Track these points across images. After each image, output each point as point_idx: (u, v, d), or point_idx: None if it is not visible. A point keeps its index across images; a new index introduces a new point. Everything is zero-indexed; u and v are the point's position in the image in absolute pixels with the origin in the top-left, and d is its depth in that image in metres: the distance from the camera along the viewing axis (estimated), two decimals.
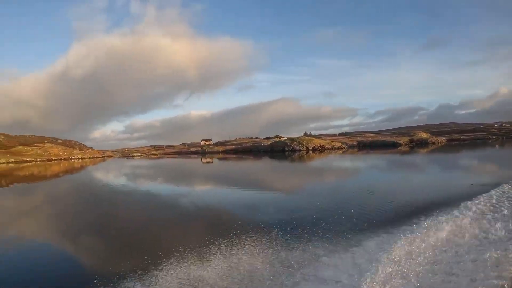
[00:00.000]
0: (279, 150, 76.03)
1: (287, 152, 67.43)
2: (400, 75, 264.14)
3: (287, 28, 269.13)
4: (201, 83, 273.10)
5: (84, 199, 15.68)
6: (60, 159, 79.64)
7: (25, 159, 73.35)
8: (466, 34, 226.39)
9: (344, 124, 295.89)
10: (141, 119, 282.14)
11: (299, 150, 70.58)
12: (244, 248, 5.56)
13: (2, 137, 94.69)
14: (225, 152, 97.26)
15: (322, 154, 53.81)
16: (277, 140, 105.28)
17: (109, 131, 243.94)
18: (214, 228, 7.49)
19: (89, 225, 9.19)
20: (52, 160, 77.63)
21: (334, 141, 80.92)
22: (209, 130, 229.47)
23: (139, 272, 4.79)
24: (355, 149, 65.84)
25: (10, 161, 67.98)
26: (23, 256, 6.43)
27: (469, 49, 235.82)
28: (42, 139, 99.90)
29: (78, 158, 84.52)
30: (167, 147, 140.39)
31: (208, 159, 54.40)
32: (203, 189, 17.63)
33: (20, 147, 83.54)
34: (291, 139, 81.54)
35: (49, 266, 5.73)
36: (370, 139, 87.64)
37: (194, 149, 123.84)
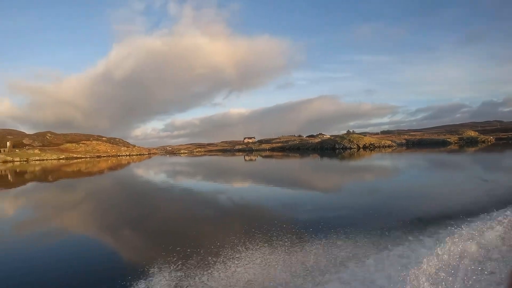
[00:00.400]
0: (329, 148, 74.61)
1: (337, 150, 65.75)
2: (441, 70, 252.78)
3: (325, 24, 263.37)
4: (240, 81, 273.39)
5: (130, 194, 15.21)
6: (109, 156, 78.95)
7: (75, 155, 70.88)
8: (508, 28, 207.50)
9: (384, 122, 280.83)
10: (181, 118, 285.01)
11: (350, 148, 69.19)
12: (280, 246, 5.26)
13: (49, 135, 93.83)
14: (272, 150, 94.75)
15: (372, 152, 52.04)
16: (324, 138, 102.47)
17: (149, 129, 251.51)
18: (250, 225, 6.77)
19: (129, 219, 8.99)
20: (101, 156, 76.23)
21: (383, 139, 78.83)
22: (247, 128, 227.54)
23: (174, 267, 4.63)
24: (403, 148, 64.16)
25: (61, 157, 66.27)
26: (63, 248, 6.42)
27: None
28: (87, 137, 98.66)
29: (126, 155, 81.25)
30: (209, 144, 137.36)
31: (251, 157, 53.22)
32: (243, 186, 16.49)
33: (68, 144, 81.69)
34: (341, 137, 79.47)
35: (87, 258, 5.65)
36: (417, 137, 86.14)
37: (239, 146, 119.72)
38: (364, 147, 68.58)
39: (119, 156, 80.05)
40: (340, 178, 18.68)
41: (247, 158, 50.73)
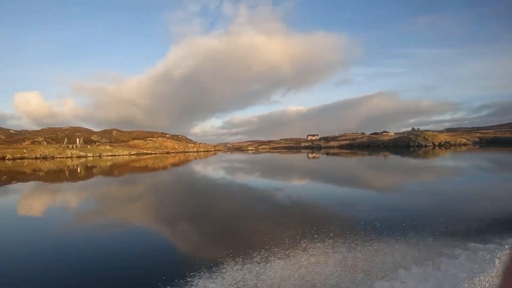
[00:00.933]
0: (403, 145, 72.12)
1: (412, 148, 63.84)
2: (506, 64, 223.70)
3: (381, 17, 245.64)
4: (297, 78, 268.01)
5: (202, 188, 14.63)
6: (177, 152, 75.90)
7: (145, 151, 68.41)
8: None
9: (445, 119, 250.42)
10: (239, 115, 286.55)
11: (425, 146, 67.39)
12: (334, 246, 4.95)
13: (115, 132, 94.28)
14: (340, 147, 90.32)
15: (448, 150, 49.88)
16: (390, 135, 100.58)
17: (208, 127, 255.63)
18: (305, 224, 6.58)
19: (187, 214, 8.88)
20: (170, 153, 75.26)
21: (458, 137, 76.57)
22: (305, 125, 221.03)
23: (228, 261, 4.51)
24: (476, 146, 60.88)
25: (132, 153, 65.04)
26: (121, 239, 6.40)
27: None
28: (152, 134, 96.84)
29: (194, 151, 75.94)
30: (269, 142, 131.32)
31: (314, 154, 51.39)
32: (301, 184, 15.40)
33: (136, 141, 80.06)
34: (415, 134, 77.04)
35: (145, 251, 5.53)
36: (490, 135, 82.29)
37: (305, 144, 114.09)
38: (440, 145, 66.50)
39: (186, 152, 78.65)
40: (408, 177, 17.09)
41: (310, 155, 48.71)
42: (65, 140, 67.37)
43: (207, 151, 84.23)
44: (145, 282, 4.11)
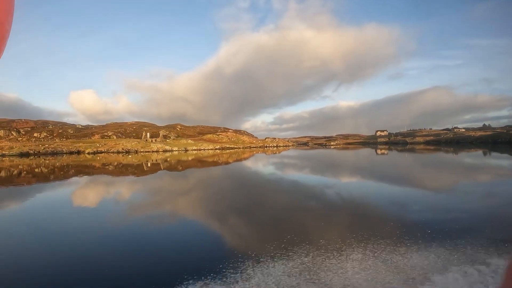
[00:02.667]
0: (503, 141, 63.61)
1: None
2: None
3: (436, 6, 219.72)
4: (348, 73, 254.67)
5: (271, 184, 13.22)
6: (256, 147, 66.84)
7: (228, 146, 61.98)
8: None
9: (503, 115, 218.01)
10: (290, 111, 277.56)
11: None
12: (383, 246, 4.68)
13: (179, 127, 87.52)
14: (427, 143, 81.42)
15: None
16: (460, 131, 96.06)
17: (259, 122, 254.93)
18: (353, 222, 6.49)
19: (240, 208, 8.50)
20: (251, 147, 68.15)
21: None
22: (356, 121, 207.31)
23: (273, 257, 4.36)
24: None
25: (216, 147, 59.49)
26: (170, 231, 6.31)
27: None
28: (215, 129, 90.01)
29: (273, 146, 66.95)
30: (324, 138, 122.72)
31: (383, 150, 46.83)
32: (356, 181, 13.79)
33: (209, 135, 73.32)
34: None
35: (197, 241, 5.57)
36: None
37: (383, 139, 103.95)
38: None
39: (266, 147, 71.54)
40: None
41: (379, 151, 45.40)
42: (144, 134, 60.78)
43: (285, 146, 75.78)
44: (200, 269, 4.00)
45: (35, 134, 69.70)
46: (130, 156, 39.95)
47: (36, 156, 40.97)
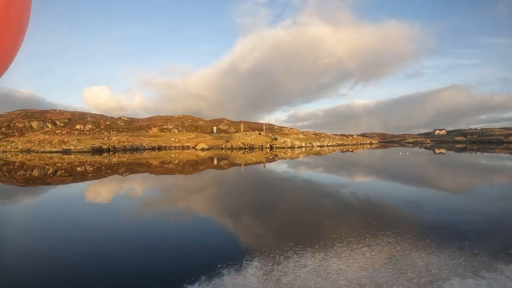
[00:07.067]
0: None
1: None
2: None
3: (455, 4, 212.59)
4: (365, 71, 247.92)
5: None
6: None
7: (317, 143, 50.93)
8: None
9: None
10: (305, 109, 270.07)
11: None
12: (396, 247, 4.52)
13: (226, 121, 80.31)
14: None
15: None
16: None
17: (273, 120, 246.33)
18: (368, 222, 6.05)
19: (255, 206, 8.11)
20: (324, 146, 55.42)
21: None
22: (371, 120, 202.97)
23: (286, 255, 4.24)
24: None
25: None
26: (184, 228, 6.10)
27: None
28: (258, 125, 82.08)
29: (328, 146, 59.91)
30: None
31: (441, 150, 42.99)
32: (379, 181, 13.07)
33: (263, 133, 64.45)
34: None
35: (211, 237, 5.40)
36: None
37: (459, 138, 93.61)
38: None
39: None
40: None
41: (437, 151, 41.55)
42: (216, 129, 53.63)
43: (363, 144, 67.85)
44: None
45: (78, 127, 62.52)
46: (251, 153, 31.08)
47: (111, 153, 33.82)
